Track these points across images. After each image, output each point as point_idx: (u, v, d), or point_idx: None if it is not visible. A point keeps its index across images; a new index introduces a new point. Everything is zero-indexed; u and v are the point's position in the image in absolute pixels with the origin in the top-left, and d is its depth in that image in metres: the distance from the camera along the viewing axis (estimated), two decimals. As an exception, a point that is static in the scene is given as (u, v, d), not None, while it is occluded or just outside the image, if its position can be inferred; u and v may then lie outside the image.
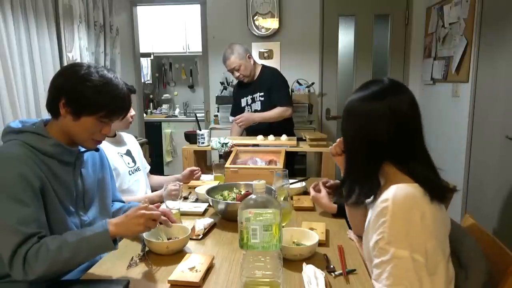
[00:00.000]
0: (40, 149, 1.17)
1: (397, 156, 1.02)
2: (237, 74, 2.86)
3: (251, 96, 2.95)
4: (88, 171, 1.36)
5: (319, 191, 1.66)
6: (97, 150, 1.38)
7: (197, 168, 2.19)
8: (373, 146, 1.03)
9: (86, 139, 1.24)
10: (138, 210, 1.16)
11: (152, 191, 2.05)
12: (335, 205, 1.62)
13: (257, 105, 2.94)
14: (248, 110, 2.98)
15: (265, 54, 3.80)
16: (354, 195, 1.09)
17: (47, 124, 1.25)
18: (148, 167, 2.18)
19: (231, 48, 2.83)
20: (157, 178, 2.21)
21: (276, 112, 2.81)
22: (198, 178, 2.18)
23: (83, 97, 1.16)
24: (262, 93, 2.90)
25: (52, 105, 1.20)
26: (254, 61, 2.91)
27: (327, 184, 1.67)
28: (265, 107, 2.88)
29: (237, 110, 3.07)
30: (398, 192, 0.96)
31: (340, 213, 1.59)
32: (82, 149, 1.31)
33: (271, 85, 2.86)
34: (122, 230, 1.14)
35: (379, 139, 1.01)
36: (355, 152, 1.09)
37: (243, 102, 3.00)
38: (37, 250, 1.04)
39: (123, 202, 1.61)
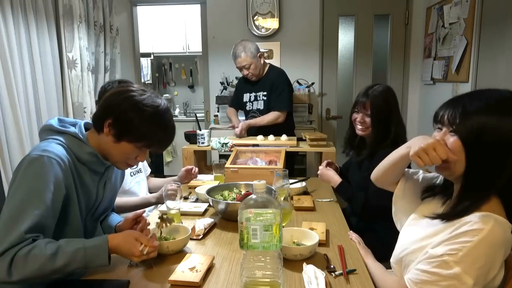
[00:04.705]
0: (77, 154, 1.19)
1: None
2: (246, 72, 2.84)
3: (255, 94, 2.95)
4: (111, 183, 1.37)
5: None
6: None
7: (191, 166, 2.07)
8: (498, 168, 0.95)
9: (120, 161, 1.26)
10: (137, 240, 1.13)
11: (150, 193, 2.04)
12: (339, 179, 1.82)
13: (260, 104, 2.94)
14: (250, 107, 2.98)
15: (265, 54, 3.79)
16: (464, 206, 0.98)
17: (87, 129, 1.26)
18: (149, 170, 2.17)
19: (242, 45, 2.78)
20: (155, 181, 2.18)
21: (270, 119, 2.81)
22: (195, 176, 2.10)
23: (130, 124, 1.17)
24: (265, 93, 2.90)
25: (98, 120, 1.20)
26: (264, 61, 2.91)
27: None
28: (267, 106, 2.89)
29: (237, 103, 3.08)
30: (497, 225, 0.91)
31: (339, 190, 1.83)
32: None
33: (273, 86, 2.85)
34: (119, 252, 1.12)
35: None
36: (484, 168, 0.96)
37: (245, 97, 3.00)
38: (28, 252, 0.99)
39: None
